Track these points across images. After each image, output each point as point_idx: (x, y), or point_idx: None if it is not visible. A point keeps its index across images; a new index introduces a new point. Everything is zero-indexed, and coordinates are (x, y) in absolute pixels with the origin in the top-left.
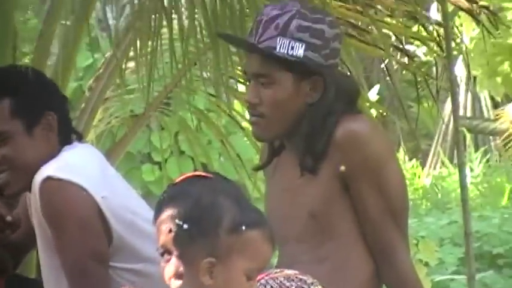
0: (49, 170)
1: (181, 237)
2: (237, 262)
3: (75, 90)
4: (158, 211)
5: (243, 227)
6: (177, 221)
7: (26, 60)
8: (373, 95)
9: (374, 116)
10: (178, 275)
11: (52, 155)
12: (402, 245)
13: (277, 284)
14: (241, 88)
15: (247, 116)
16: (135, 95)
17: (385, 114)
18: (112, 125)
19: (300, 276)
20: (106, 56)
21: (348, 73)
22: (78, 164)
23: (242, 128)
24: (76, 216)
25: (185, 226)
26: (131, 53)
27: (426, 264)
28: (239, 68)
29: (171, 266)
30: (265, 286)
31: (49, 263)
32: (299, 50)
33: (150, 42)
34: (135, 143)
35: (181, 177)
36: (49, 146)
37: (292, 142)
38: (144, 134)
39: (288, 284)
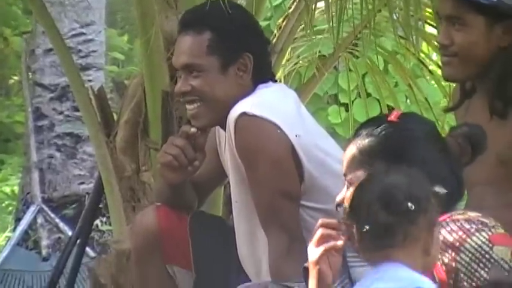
0: (245, 106)
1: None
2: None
3: (264, 29)
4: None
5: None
6: (409, 204)
7: None
8: None
9: None
10: None
11: (242, 95)
12: None
13: (457, 226)
14: (430, 30)
15: (435, 58)
16: (324, 35)
17: None
18: (300, 66)
19: (482, 219)
20: None
21: None
22: (274, 102)
23: (430, 72)
24: (269, 154)
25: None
26: None
27: None
28: (428, 10)
29: None
30: (445, 227)
31: (240, 198)
32: None
33: None
34: (322, 84)
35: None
36: (240, 86)
37: (483, 85)
38: (331, 75)
39: (468, 226)
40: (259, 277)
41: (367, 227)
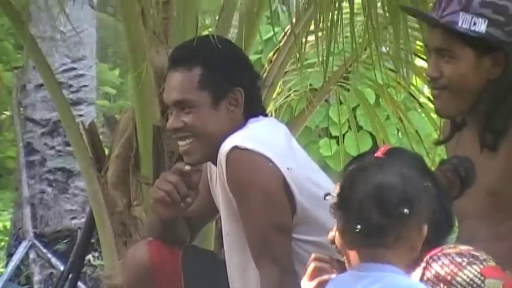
0: (236, 140)
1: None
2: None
3: (254, 63)
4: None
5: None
6: (405, 210)
7: (207, 33)
8: None
9: None
10: None
11: (234, 129)
12: None
13: (449, 259)
14: (421, 63)
15: (426, 91)
16: (314, 69)
17: None
18: (291, 99)
19: (473, 253)
20: (286, 29)
21: None
22: (265, 136)
23: (420, 104)
24: (261, 187)
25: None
26: (311, 27)
27: None
28: (419, 43)
29: None
30: (437, 261)
31: (232, 232)
32: (481, 26)
33: (330, 16)
34: (313, 117)
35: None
36: (232, 121)
37: (473, 118)
38: (322, 108)
39: (459, 260)
40: None
41: (359, 227)
